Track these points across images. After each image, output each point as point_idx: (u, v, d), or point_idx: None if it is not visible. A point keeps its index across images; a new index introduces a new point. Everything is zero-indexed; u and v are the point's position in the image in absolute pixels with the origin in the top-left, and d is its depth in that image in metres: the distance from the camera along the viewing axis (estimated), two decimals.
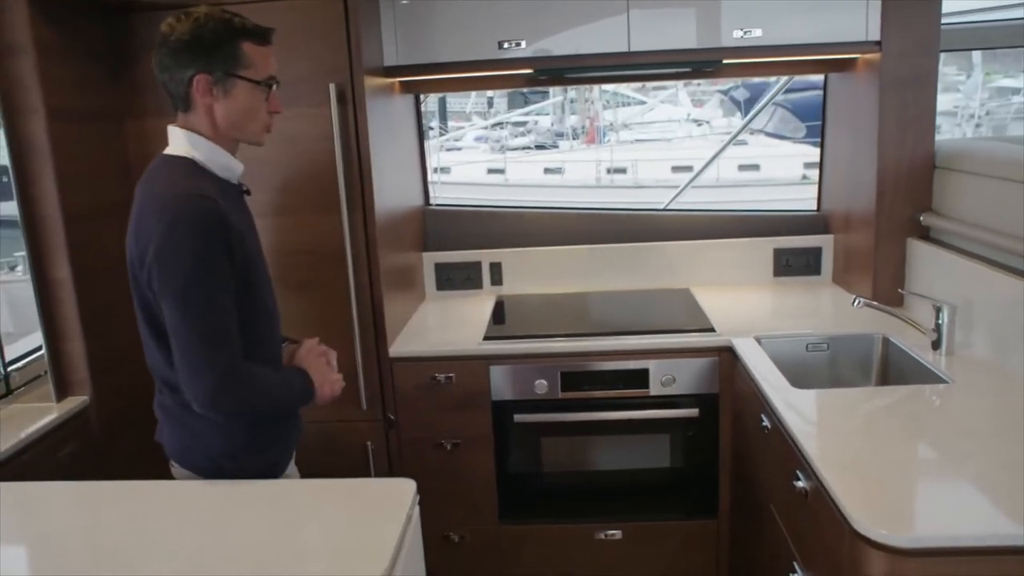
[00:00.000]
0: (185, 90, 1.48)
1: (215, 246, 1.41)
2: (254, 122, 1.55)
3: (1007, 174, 2.01)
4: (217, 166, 1.53)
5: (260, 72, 1.51)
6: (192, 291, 1.40)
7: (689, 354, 2.26)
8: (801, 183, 9.31)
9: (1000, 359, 1.93)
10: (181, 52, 1.46)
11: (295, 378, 1.61)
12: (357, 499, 1.47)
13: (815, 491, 1.53)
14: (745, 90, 11.44)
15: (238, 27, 1.48)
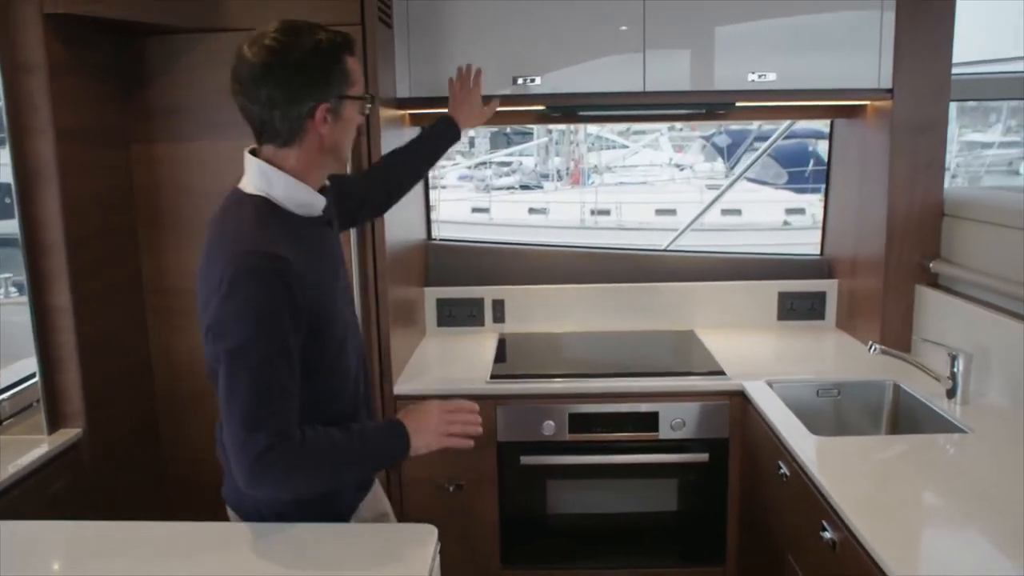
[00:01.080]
0: (301, 123, 1.35)
1: (280, 311, 1.28)
2: (348, 146, 1.45)
3: (1017, 223, 2.02)
4: (295, 204, 1.39)
5: (360, 87, 1.41)
6: (240, 363, 1.27)
7: (699, 397, 2.23)
8: (782, 229, 9.46)
9: (1017, 408, 1.91)
10: (294, 82, 1.33)
11: (378, 434, 1.45)
12: (377, 546, 1.40)
13: (845, 542, 1.49)
14: (727, 136, 11.65)
15: (340, 42, 1.37)
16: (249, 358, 1.27)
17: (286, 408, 1.30)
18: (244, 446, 1.27)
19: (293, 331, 1.30)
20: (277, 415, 1.29)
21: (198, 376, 2.24)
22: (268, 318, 1.28)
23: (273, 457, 1.27)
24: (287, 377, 1.30)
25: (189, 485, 2.31)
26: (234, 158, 2.11)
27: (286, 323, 1.29)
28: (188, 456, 2.31)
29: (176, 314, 2.24)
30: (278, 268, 1.29)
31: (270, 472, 1.28)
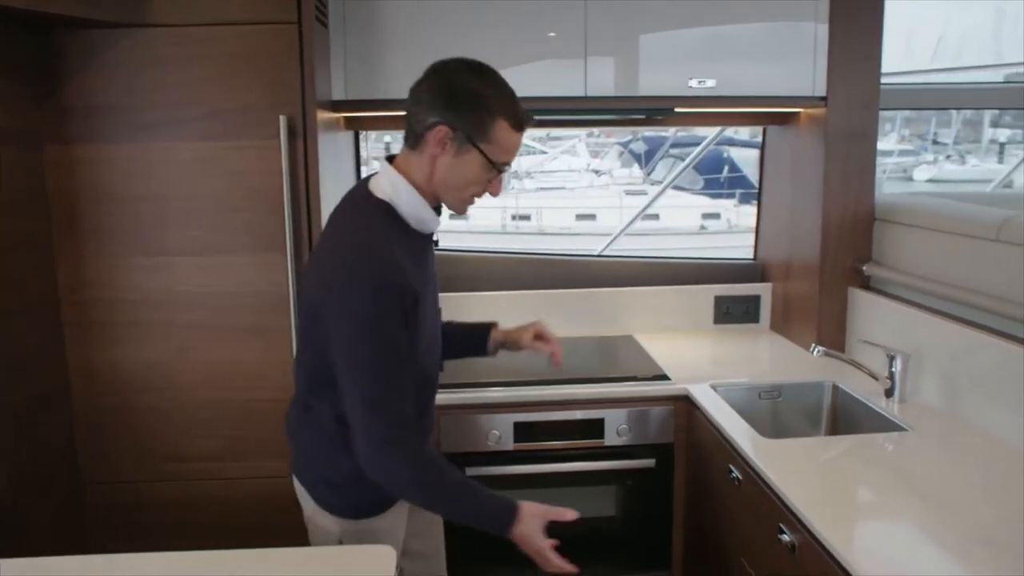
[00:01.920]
0: (422, 131, 1.44)
1: (391, 315, 1.39)
2: (464, 193, 1.51)
3: (945, 227, 2.10)
4: (413, 218, 1.50)
5: (499, 154, 1.46)
6: (358, 353, 1.40)
7: (644, 403, 2.22)
8: (699, 233, 9.69)
9: (951, 406, 1.98)
10: (438, 96, 1.43)
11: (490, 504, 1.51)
12: (333, 570, 1.33)
13: (805, 544, 1.50)
14: (643, 143, 11.88)
15: (503, 102, 1.45)
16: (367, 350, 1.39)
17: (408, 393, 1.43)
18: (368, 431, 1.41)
19: (404, 332, 1.42)
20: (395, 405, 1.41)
21: (122, 391, 2.13)
22: (381, 319, 1.39)
23: (393, 448, 1.41)
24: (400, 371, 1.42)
25: (112, 511, 2.18)
26: (160, 160, 2.04)
27: (400, 326, 1.41)
28: (111, 479, 2.17)
29: (97, 326, 2.10)
30: (396, 276, 1.40)
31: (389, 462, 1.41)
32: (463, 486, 1.48)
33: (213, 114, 2.03)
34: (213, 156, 2.05)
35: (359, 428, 1.42)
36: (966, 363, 1.93)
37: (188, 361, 2.11)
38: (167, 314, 2.09)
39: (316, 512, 1.62)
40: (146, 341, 2.10)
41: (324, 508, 1.60)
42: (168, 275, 2.07)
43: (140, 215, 2.06)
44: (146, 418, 2.14)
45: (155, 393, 2.12)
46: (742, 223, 9.64)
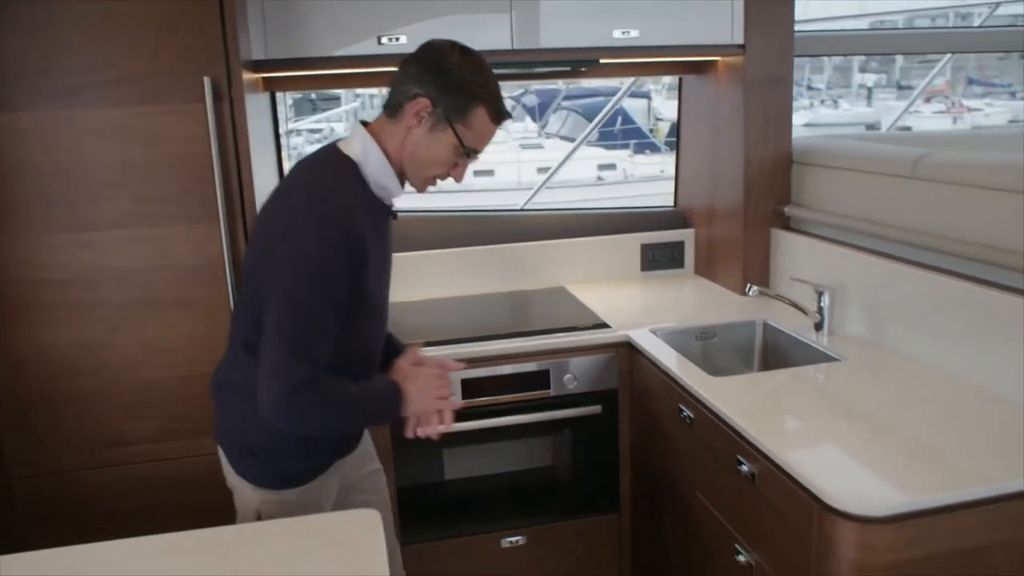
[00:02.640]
0: (403, 101, 1.47)
1: (338, 263, 1.40)
2: (428, 171, 1.52)
3: (862, 167, 2.22)
4: (378, 184, 1.51)
5: (472, 140, 1.49)
6: (297, 298, 1.39)
7: (587, 352, 2.27)
8: (596, 184, 9.84)
9: (875, 335, 2.11)
10: (425, 71, 1.46)
11: (380, 393, 1.54)
12: (326, 537, 1.32)
13: (766, 473, 1.58)
14: (535, 96, 11.88)
15: (488, 91, 1.48)
16: (308, 300, 1.39)
17: (327, 349, 1.42)
18: (287, 372, 1.38)
19: (347, 285, 1.42)
20: (319, 352, 1.41)
21: (50, 377, 2.01)
22: (332, 269, 1.39)
23: (309, 388, 1.40)
24: (333, 323, 1.42)
25: (46, 503, 2.07)
26: (73, 129, 1.92)
27: (343, 276, 1.41)
28: (43, 470, 2.06)
29: (17, 308, 1.97)
30: (350, 225, 1.41)
31: (301, 402, 1.40)
32: (356, 402, 1.50)
33: (127, 78, 1.92)
34: (130, 123, 1.94)
35: (274, 371, 1.39)
36: (887, 294, 2.06)
37: (121, 341, 2.02)
38: (95, 293, 1.98)
39: (236, 481, 1.61)
40: (74, 322, 1.99)
41: (242, 476, 1.60)
42: (94, 251, 1.96)
43: (57, 189, 1.93)
44: (79, 404, 2.03)
45: (87, 377, 2.02)
46: (637, 172, 9.86)
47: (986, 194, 1.82)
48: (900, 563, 1.39)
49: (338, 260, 1.40)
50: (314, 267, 1.39)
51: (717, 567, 1.84)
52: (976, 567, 1.42)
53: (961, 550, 1.41)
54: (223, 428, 1.63)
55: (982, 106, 12.27)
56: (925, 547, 1.39)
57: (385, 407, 1.53)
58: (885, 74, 13.85)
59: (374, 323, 1.59)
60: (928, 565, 1.40)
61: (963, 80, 12.09)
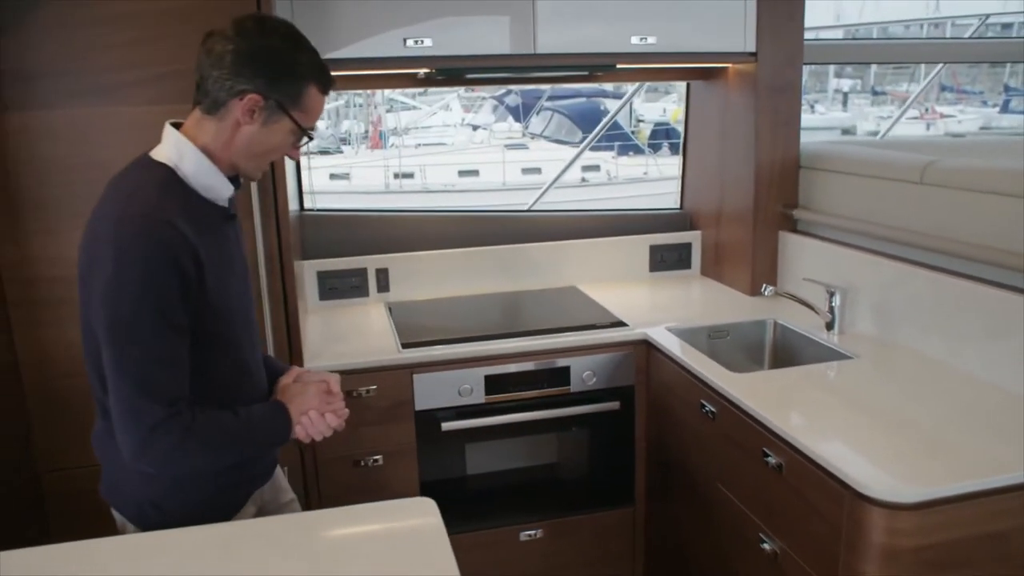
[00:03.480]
0: (226, 98, 1.33)
1: (164, 282, 1.26)
2: (263, 160, 1.43)
3: (870, 172, 2.31)
4: (200, 185, 1.37)
5: (308, 120, 1.40)
6: (127, 331, 1.25)
7: (607, 349, 2.34)
8: (581, 185, 9.93)
9: (883, 334, 2.20)
10: (247, 62, 1.31)
11: (263, 418, 1.42)
12: (384, 523, 1.37)
13: (793, 463, 1.66)
14: (517, 96, 11.96)
15: (317, 67, 1.38)
16: (138, 327, 1.26)
17: (178, 379, 1.30)
18: (138, 416, 1.26)
19: (182, 302, 1.29)
20: (169, 386, 1.28)
21: (78, 374, 2.01)
22: (156, 288, 1.25)
23: (166, 428, 1.27)
24: (178, 347, 1.30)
25: (74, 498, 2.08)
26: (103, 128, 1.94)
27: (175, 293, 1.27)
28: (70, 465, 2.07)
29: (46, 306, 1.99)
30: (167, 236, 1.26)
31: (163, 443, 1.27)
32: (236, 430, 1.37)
33: (162, 76, 1.94)
34: (160, 121, 1.95)
35: (125, 418, 1.27)
36: (896, 294, 2.15)
37: None
38: None
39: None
40: None
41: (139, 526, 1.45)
42: None
43: (90, 185, 1.92)
44: None
45: None
46: (621, 174, 9.97)
47: (992, 199, 1.91)
48: (925, 547, 1.47)
49: (162, 279, 1.26)
50: (135, 293, 1.24)
51: (740, 556, 1.91)
52: (995, 551, 1.50)
53: (982, 535, 1.49)
54: (113, 486, 1.49)
55: (955, 112, 12.55)
56: (948, 532, 1.47)
57: (272, 430, 1.43)
58: (860, 79, 14.13)
59: (236, 332, 1.45)
60: (950, 549, 1.48)
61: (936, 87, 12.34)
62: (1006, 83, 13.71)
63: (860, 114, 13.22)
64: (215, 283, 1.35)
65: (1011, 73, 13.80)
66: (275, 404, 1.45)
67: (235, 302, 1.44)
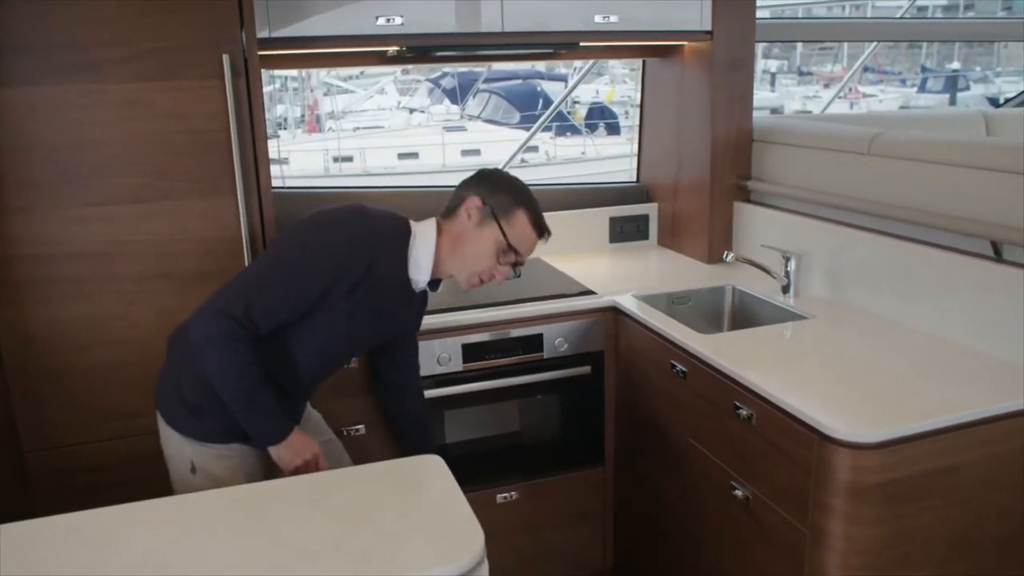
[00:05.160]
0: (457, 204, 1.74)
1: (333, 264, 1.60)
2: (471, 266, 1.75)
3: (820, 144, 2.46)
4: (413, 264, 1.71)
5: (515, 239, 1.74)
6: (278, 269, 1.61)
7: (577, 316, 2.44)
8: (521, 166, 10.01)
9: (836, 295, 2.36)
10: (479, 180, 1.77)
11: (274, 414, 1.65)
12: (398, 480, 1.44)
13: (764, 414, 1.79)
14: (453, 79, 11.96)
15: (529, 200, 1.77)
16: (290, 262, 1.62)
17: (266, 319, 1.58)
18: (225, 301, 1.57)
19: (327, 285, 1.60)
20: (259, 314, 1.57)
21: (63, 351, 2.04)
22: (327, 259, 1.60)
23: (228, 322, 1.54)
24: (288, 308, 1.61)
25: (59, 477, 2.09)
26: (88, 104, 1.95)
27: (329, 276, 1.59)
28: (54, 445, 2.08)
29: (27, 285, 1.98)
30: (366, 247, 1.62)
31: (216, 326, 1.55)
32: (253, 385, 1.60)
33: (143, 53, 1.95)
34: (147, 98, 1.98)
35: (220, 296, 1.59)
36: (847, 258, 2.31)
37: (137, 315, 2.05)
38: (111, 267, 2.01)
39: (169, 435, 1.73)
40: (91, 296, 2.01)
41: (175, 428, 1.71)
42: (110, 225, 1.99)
43: (72, 163, 1.95)
44: (93, 377, 2.06)
45: (103, 349, 2.05)
46: (560, 154, 10.10)
47: (935, 168, 2.08)
48: (887, 483, 1.62)
49: (337, 264, 1.60)
50: (313, 252, 1.60)
51: (712, 504, 2.05)
52: (948, 483, 1.66)
53: (936, 469, 1.65)
54: (162, 382, 1.76)
55: (876, 92, 13.07)
56: (907, 468, 1.63)
57: (267, 427, 1.65)
58: (787, 60, 14.56)
59: (323, 348, 1.72)
60: (909, 483, 1.63)
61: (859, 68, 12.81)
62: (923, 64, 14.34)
63: (787, 94, 13.64)
64: (355, 308, 1.65)
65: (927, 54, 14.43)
66: (287, 422, 1.67)
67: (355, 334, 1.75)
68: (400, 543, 1.21)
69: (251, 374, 1.59)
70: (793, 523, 1.74)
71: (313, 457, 1.69)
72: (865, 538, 1.64)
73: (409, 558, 1.18)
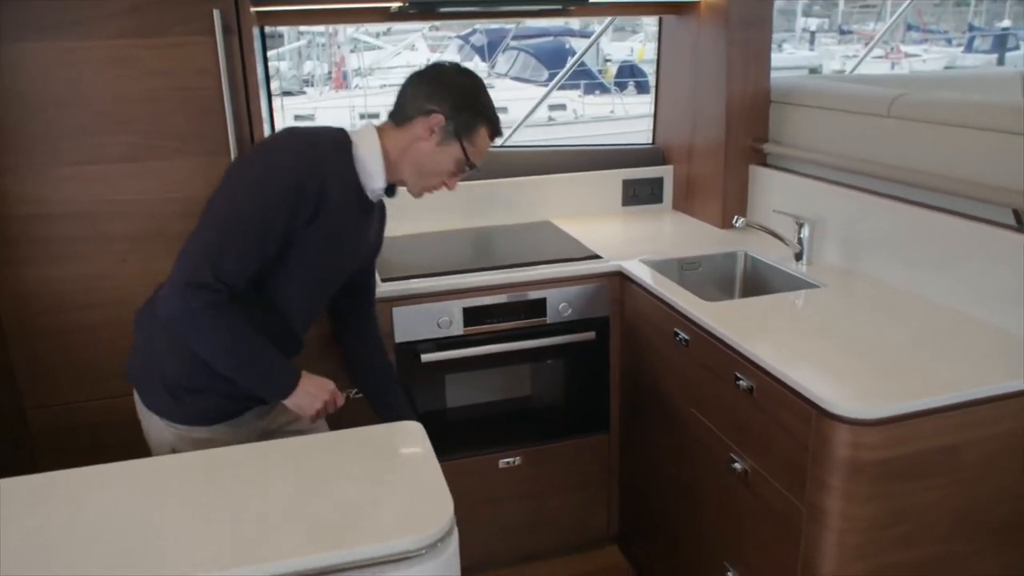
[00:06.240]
0: (415, 115, 1.61)
1: (287, 198, 1.48)
2: (427, 180, 1.68)
3: (839, 106, 2.35)
4: (364, 172, 1.62)
5: (475, 155, 1.66)
6: (230, 212, 1.50)
7: (582, 281, 2.38)
8: (548, 124, 9.88)
9: (849, 263, 2.27)
10: (447, 88, 1.61)
11: (278, 366, 1.59)
12: (372, 448, 1.41)
13: (764, 386, 1.73)
14: (483, 35, 11.79)
15: (490, 112, 1.67)
16: (239, 214, 1.49)
17: (238, 272, 1.50)
18: (190, 269, 1.47)
19: (289, 220, 1.50)
20: (229, 270, 1.48)
21: (59, 310, 2.04)
22: (279, 192, 1.48)
23: (201, 292, 1.46)
24: (255, 252, 1.50)
25: (60, 434, 2.11)
26: (76, 61, 1.91)
27: (283, 210, 1.49)
28: (55, 402, 2.09)
29: (23, 244, 1.98)
30: (313, 168, 1.50)
31: (191, 301, 1.46)
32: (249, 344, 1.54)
33: (130, 9, 1.91)
34: (134, 55, 1.94)
35: (181, 265, 1.49)
36: (863, 225, 2.22)
37: (130, 274, 2.04)
38: (103, 226, 2.00)
39: (150, 419, 1.66)
40: (83, 256, 2.01)
41: (155, 411, 1.64)
42: (101, 184, 1.98)
43: (60, 122, 1.93)
44: (88, 335, 2.06)
45: (97, 309, 2.05)
46: (588, 113, 9.93)
47: (957, 132, 1.97)
48: (886, 460, 1.55)
49: (290, 194, 1.49)
50: (263, 190, 1.49)
51: (711, 476, 2.00)
52: (949, 462, 1.60)
53: (938, 447, 1.58)
54: (138, 362, 1.68)
55: (920, 52, 12.63)
56: (907, 446, 1.56)
57: (276, 381, 1.58)
58: (828, 18, 14.12)
59: (304, 286, 1.65)
60: (909, 461, 1.57)
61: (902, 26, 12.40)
62: (970, 22, 13.81)
63: (827, 53, 13.24)
64: (320, 235, 1.55)
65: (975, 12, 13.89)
66: (294, 369, 1.61)
67: (321, 263, 1.63)
68: (364, 513, 1.19)
69: (244, 335, 1.53)
70: (790, 499, 1.69)
71: (331, 395, 1.64)
72: (862, 516, 1.58)
73: (371, 529, 1.15)
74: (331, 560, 1.10)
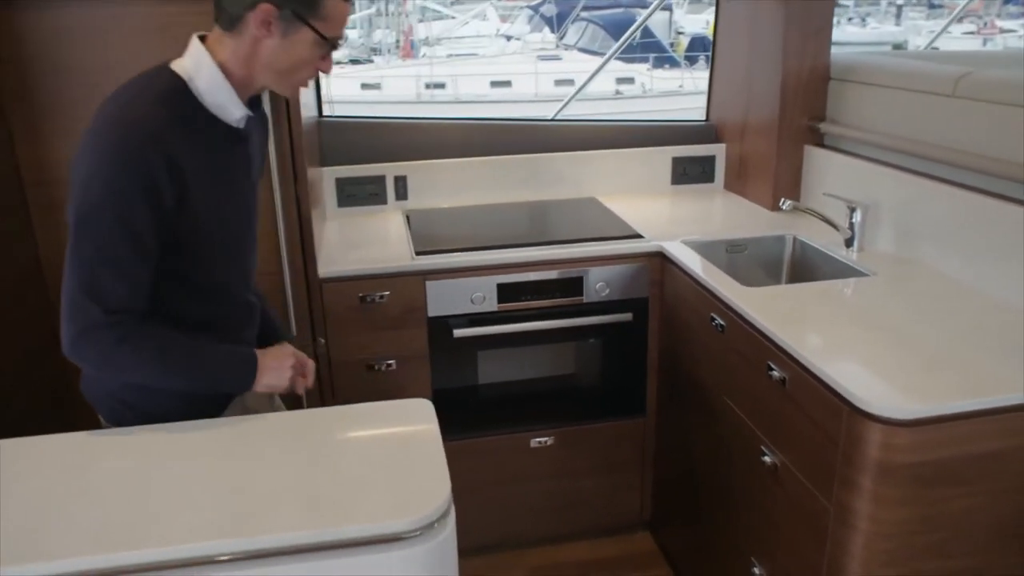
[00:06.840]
0: (241, 12, 1.29)
1: (137, 190, 1.24)
2: (292, 77, 1.38)
3: (902, 84, 2.21)
4: (211, 102, 1.35)
5: (331, 28, 1.34)
6: (85, 227, 1.26)
7: (621, 260, 2.32)
8: (615, 97, 9.72)
9: (903, 251, 2.16)
10: None
11: (228, 358, 1.43)
12: (376, 424, 1.40)
13: (797, 378, 1.65)
14: (554, 6, 11.64)
15: None
16: (96, 227, 1.26)
17: (126, 289, 1.29)
18: (76, 312, 1.28)
19: (152, 219, 1.27)
20: (115, 292, 1.28)
21: None
22: (123, 196, 1.24)
23: (99, 332, 1.28)
24: (134, 260, 1.29)
25: None
26: (116, 27, 1.92)
27: (142, 208, 1.26)
28: None
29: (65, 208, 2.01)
30: (147, 150, 1.25)
31: (93, 345, 1.29)
32: (188, 355, 1.38)
33: None
34: (175, 21, 1.95)
35: (66, 312, 1.29)
36: (920, 211, 2.09)
37: None
38: None
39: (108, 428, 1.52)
40: None
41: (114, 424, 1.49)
42: None
43: (107, 87, 1.93)
44: None
45: None
46: (656, 87, 9.72)
47: None
48: (919, 464, 1.47)
49: (131, 190, 1.24)
50: (102, 194, 1.24)
51: (742, 467, 1.94)
52: (989, 470, 1.50)
53: (976, 454, 1.49)
54: (88, 383, 1.50)
55: (1016, 27, 11.92)
56: (944, 450, 1.47)
57: (234, 374, 1.43)
58: None
59: (221, 255, 1.44)
60: (945, 466, 1.48)
61: None
62: None
63: (913, 28, 12.64)
64: (202, 200, 1.34)
65: None
66: (246, 352, 1.45)
67: (223, 222, 1.42)
68: (359, 490, 1.17)
69: (176, 348, 1.36)
70: (818, 497, 1.61)
71: (297, 362, 1.51)
72: (893, 521, 1.50)
73: (364, 507, 1.13)
74: (321, 537, 1.09)
